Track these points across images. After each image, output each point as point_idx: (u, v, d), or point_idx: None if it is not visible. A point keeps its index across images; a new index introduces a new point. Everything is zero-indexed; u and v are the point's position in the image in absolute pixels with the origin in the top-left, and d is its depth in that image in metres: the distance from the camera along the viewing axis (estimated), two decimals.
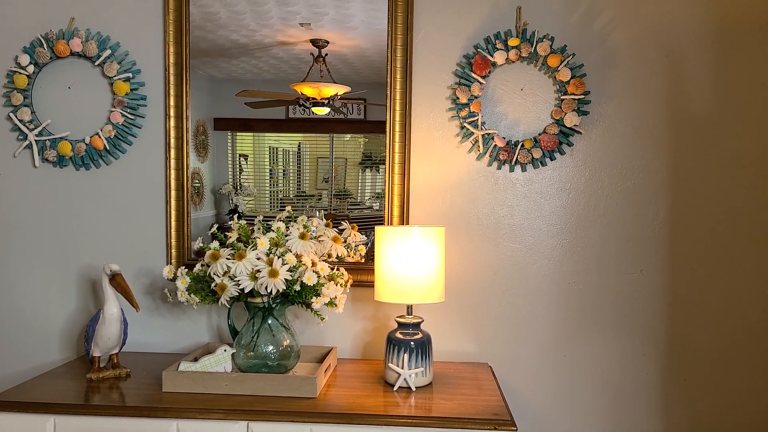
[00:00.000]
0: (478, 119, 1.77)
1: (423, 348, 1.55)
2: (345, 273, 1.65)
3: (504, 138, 1.78)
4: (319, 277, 1.52)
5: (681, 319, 1.79)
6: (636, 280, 1.80)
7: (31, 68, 1.79)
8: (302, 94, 1.83)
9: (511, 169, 1.80)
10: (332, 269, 1.59)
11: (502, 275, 1.82)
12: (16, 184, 1.87)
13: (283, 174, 1.87)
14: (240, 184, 1.87)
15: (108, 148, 1.81)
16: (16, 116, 1.81)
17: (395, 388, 1.53)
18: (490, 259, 1.82)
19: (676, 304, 1.80)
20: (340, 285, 1.59)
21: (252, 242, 1.54)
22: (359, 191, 1.86)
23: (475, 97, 1.76)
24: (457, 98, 1.77)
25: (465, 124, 1.78)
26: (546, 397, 1.83)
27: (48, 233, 1.88)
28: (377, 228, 1.59)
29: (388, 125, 1.79)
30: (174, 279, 1.59)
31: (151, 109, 1.84)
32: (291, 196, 1.88)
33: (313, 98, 1.85)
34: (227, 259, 1.51)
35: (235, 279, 1.49)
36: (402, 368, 1.53)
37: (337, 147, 1.87)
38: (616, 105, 1.77)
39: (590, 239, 1.80)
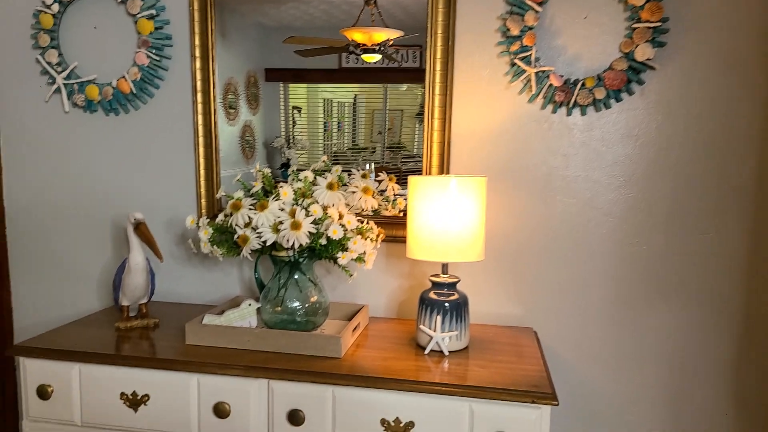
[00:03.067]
0: (531, 54, 1.55)
1: (458, 310, 1.42)
2: (375, 227, 1.53)
3: (561, 76, 1.56)
4: (345, 230, 1.40)
5: (760, 286, 1.56)
6: (710, 242, 1.56)
7: (55, 7, 1.72)
8: (352, 40, 1.68)
9: (569, 113, 1.59)
10: (361, 222, 1.47)
11: (552, 233, 1.63)
12: (49, 130, 1.85)
13: (338, 127, 1.77)
14: (293, 137, 1.76)
15: (135, 92, 1.73)
16: (44, 58, 1.76)
17: (426, 352, 1.41)
18: (539, 215, 1.63)
19: (756, 271, 1.56)
20: (370, 240, 1.47)
21: (275, 192, 1.43)
22: (415, 144, 1.72)
23: (529, 28, 1.54)
24: (508, 30, 1.55)
25: (516, 61, 1.56)
26: (595, 370, 1.66)
27: (83, 181, 1.86)
28: (411, 178, 1.44)
29: (428, 63, 1.60)
30: (198, 229, 1.52)
31: (177, 49, 1.73)
32: (344, 149, 1.76)
33: (364, 44, 1.69)
34: (249, 209, 1.41)
35: (257, 231, 1.40)
36: (434, 331, 1.40)
37: (392, 98, 1.73)
38: (700, 34, 1.50)
39: (659, 194, 1.57)
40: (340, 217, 1.43)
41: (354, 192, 1.50)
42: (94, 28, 1.76)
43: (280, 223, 1.38)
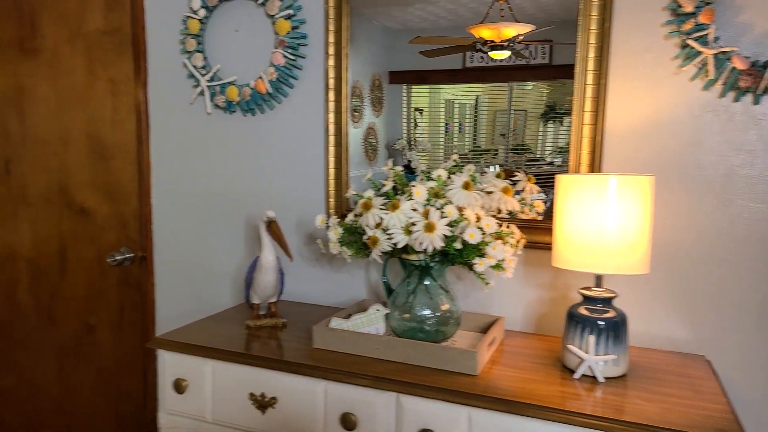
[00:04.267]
0: (708, 34, 1.31)
1: (616, 330, 1.22)
2: (516, 231, 1.37)
3: (747, 58, 1.30)
4: (483, 234, 1.27)
5: None
6: None
7: (202, 12, 1.79)
8: (480, 37, 1.58)
9: (756, 101, 1.32)
10: (500, 226, 1.33)
11: (733, 244, 1.37)
12: (192, 131, 1.93)
13: (459, 128, 1.70)
14: (414, 139, 1.72)
15: (270, 92, 1.75)
16: (190, 62, 1.84)
17: (576, 376, 1.23)
18: (716, 222, 1.38)
19: None
20: (510, 245, 1.32)
21: (407, 191, 1.34)
22: (538, 146, 1.58)
23: (706, 3, 1.30)
24: (680, 6, 1.33)
25: (689, 42, 1.33)
26: None
27: (220, 181, 1.91)
28: (560, 177, 1.27)
29: (579, 48, 1.42)
30: (327, 229, 1.47)
31: (311, 48, 1.72)
32: (466, 151, 1.68)
33: (492, 41, 1.58)
34: (380, 209, 1.33)
35: (388, 232, 1.31)
36: (587, 353, 1.22)
37: (516, 98, 1.62)
38: None
39: None
40: (477, 219, 1.30)
41: (491, 192, 1.36)
42: (235, 31, 1.80)
43: (413, 224, 1.29)
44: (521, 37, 1.55)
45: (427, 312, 1.39)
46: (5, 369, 2.34)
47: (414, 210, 1.30)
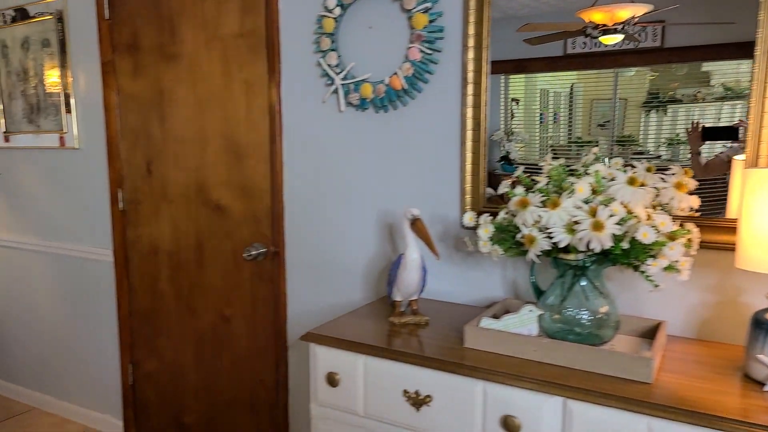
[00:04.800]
0: None
1: None
2: (694, 230, 1.27)
3: None
4: (657, 233, 1.19)
5: None
6: None
7: (337, 11, 1.81)
8: (590, 21, 1.49)
9: None
10: (675, 224, 1.24)
11: None
12: (324, 129, 1.96)
13: (554, 118, 1.65)
14: (511, 130, 1.69)
15: (405, 88, 1.74)
16: (324, 61, 1.87)
17: (766, 388, 1.12)
18: None
19: None
20: (684, 245, 1.23)
21: (569, 188, 1.28)
22: (641, 137, 1.52)
23: None
24: None
25: None
26: None
27: (351, 177, 1.94)
28: (750, 171, 1.16)
29: (763, 20, 1.29)
30: (475, 227, 1.44)
31: (448, 41, 1.69)
32: (564, 142, 1.64)
33: (603, 25, 1.48)
34: (538, 207, 1.28)
35: (547, 231, 1.27)
36: None
37: (619, 85, 1.55)
38: None
39: None
40: (648, 217, 1.22)
41: (664, 188, 1.27)
42: (369, 28, 1.81)
43: (576, 222, 1.23)
44: (636, 19, 1.45)
45: (583, 314, 1.33)
46: (151, 353, 2.53)
47: (577, 208, 1.24)
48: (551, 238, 1.26)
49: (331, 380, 1.45)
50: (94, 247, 2.61)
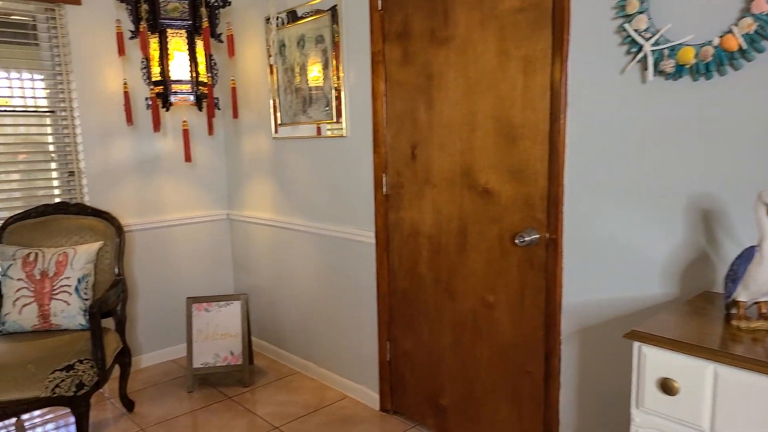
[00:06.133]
0: None
1: None
2: None
3: None
4: None
5: None
6: None
7: None
8: None
9: None
10: None
11: None
12: (620, 104, 1.76)
13: None
14: None
15: (744, 47, 1.46)
16: (630, 26, 1.67)
17: None
18: None
19: None
20: None
21: None
22: None
23: None
24: None
25: None
26: None
27: (653, 158, 1.71)
28: None
29: None
30: None
31: None
32: None
33: None
34: None
35: None
36: None
37: None
38: None
39: None
40: None
41: None
42: None
43: None
44: None
45: None
46: (408, 333, 2.61)
47: None
48: None
49: (667, 387, 1.27)
50: (357, 228, 2.78)
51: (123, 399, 2.82)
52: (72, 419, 2.70)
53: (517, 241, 2.05)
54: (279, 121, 3.13)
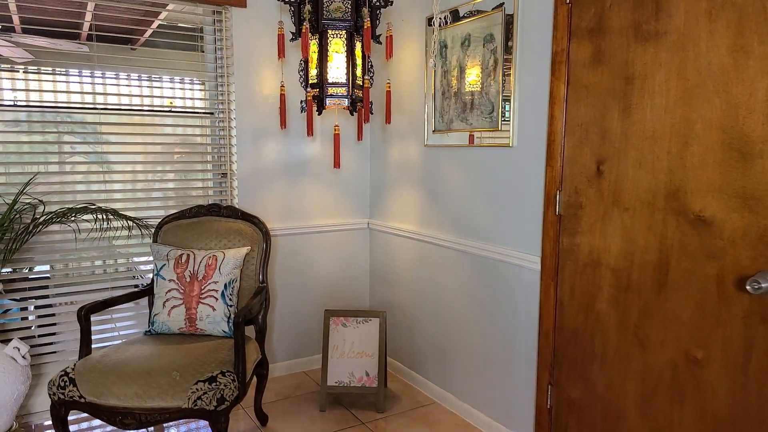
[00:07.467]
0: None
1: None
2: None
3: None
4: None
5: None
6: None
7: None
8: None
9: None
10: None
11: None
12: None
13: None
14: None
15: None
16: None
17: None
18: None
19: None
20: None
21: None
22: None
23: None
24: None
25: None
26: None
27: None
28: None
29: None
30: None
31: None
32: None
33: None
34: None
35: None
36: None
37: None
38: None
39: None
40: None
41: None
42: None
43: None
44: None
45: None
46: (577, 380, 2.22)
47: None
48: None
49: None
50: (518, 251, 2.45)
51: (257, 411, 2.72)
52: None
53: (748, 287, 1.60)
54: (433, 128, 2.90)
